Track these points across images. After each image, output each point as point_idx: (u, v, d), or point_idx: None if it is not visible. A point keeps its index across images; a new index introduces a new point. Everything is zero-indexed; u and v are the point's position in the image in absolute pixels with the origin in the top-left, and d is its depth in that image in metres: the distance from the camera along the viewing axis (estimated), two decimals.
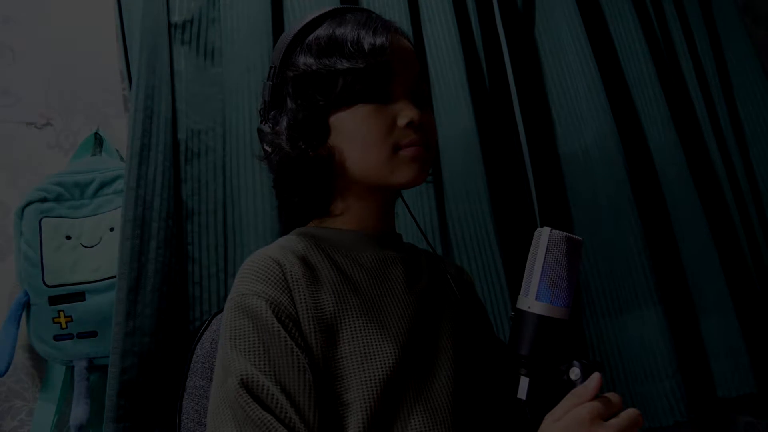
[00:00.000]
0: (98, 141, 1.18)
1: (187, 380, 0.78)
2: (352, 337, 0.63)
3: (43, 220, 1.06)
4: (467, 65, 1.21)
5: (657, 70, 1.29)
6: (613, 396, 0.54)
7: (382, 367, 0.61)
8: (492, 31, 1.29)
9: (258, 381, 0.57)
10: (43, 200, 1.07)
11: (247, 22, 1.14)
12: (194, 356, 0.79)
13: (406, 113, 0.68)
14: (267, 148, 0.72)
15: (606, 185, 1.22)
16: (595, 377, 0.55)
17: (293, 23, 0.74)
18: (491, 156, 1.19)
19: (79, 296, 1.03)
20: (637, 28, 1.32)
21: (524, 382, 0.58)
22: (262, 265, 0.65)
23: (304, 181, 0.72)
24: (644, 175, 1.26)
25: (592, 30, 1.30)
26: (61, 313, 1.03)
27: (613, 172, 1.21)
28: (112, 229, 1.07)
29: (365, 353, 0.62)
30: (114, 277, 1.01)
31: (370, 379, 0.61)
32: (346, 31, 0.69)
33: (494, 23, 1.30)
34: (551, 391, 0.57)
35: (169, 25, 1.13)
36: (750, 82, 1.36)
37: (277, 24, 1.17)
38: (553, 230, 0.59)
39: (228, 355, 0.60)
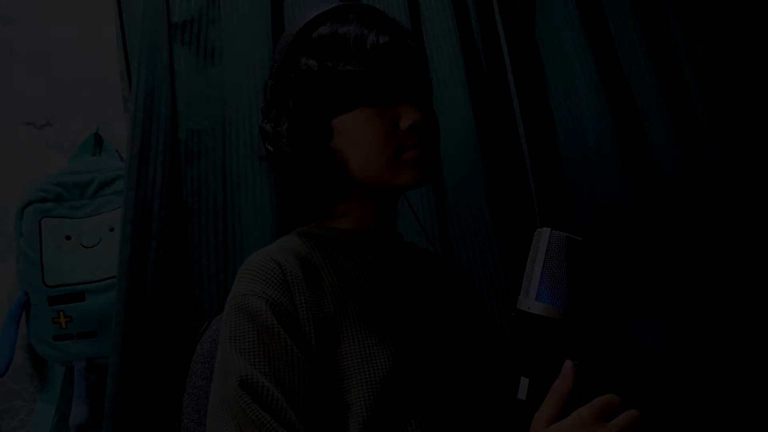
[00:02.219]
0: (98, 141, 1.18)
1: (187, 380, 0.78)
2: (353, 338, 0.63)
3: (43, 220, 1.06)
4: (467, 65, 1.21)
5: (656, 69, 1.29)
6: (613, 397, 0.54)
7: (382, 369, 0.61)
8: (492, 30, 1.29)
9: (258, 381, 0.57)
10: (43, 200, 1.07)
11: (247, 22, 1.14)
12: (194, 356, 0.79)
13: (408, 116, 0.68)
14: (269, 147, 0.72)
15: (606, 185, 1.22)
16: (567, 366, 0.55)
17: (296, 20, 0.73)
18: (491, 156, 1.19)
19: (79, 296, 1.03)
20: (637, 27, 1.31)
21: (524, 383, 0.58)
22: (263, 266, 0.65)
23: (306, 182, 0.72)
24: (644, 175, 1.26)
25: (591, 28, 1.30)
26: (61, 313, 1.03)
27: (614, 171, 1.21)
28: (112, 230, 1.07)
29: (365, 354, 0.62)
30: (114, 277, 1.01)
31: (371, 380, 0.60)
32: (349, 30, 0.68)
33: (494, 22, 1.30)
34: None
35: (169, 25, 1.13)
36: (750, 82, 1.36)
37: (277, 24, 1.17)
38: (554, 231, 0.59)
39: (228, 356, 0.60)
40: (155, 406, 0.95)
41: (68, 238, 1.06)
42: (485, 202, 1.15)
